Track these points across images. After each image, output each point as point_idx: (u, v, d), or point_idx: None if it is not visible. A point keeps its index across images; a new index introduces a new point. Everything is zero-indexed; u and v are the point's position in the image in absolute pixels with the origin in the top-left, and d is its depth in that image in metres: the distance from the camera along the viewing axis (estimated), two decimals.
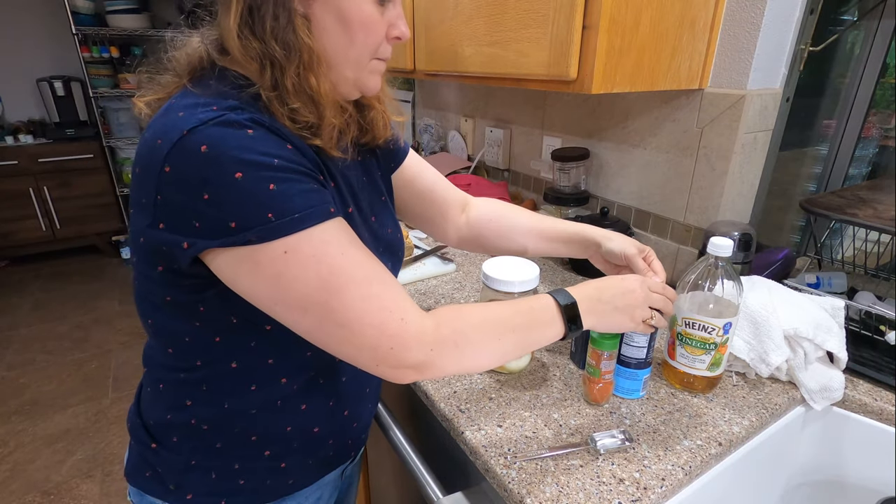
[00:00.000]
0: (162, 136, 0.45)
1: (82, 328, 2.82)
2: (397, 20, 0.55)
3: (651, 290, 0.64)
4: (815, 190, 1.14)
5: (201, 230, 0.45)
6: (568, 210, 1.25)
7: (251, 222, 0.44)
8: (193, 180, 0.43)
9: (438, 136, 1.89)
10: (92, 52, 3.33)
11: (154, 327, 0.56)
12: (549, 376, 0.79)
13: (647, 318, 0.63)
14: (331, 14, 0.51)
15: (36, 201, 3.40)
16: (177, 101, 0.48)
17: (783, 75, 0.96)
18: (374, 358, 0.50)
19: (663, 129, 1.06)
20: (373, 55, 0.55)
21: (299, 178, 0.47)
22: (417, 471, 0.76)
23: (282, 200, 0.45)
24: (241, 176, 0.43)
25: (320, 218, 0.47)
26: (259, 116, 0.47)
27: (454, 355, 0.53)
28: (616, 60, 0.79)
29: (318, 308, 0.47)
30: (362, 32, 0.52)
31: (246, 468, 0.62)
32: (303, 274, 0.46)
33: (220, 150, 0.43)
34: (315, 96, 0.51)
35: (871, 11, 0.96)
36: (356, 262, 0.49)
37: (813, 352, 0.74)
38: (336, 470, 0.73)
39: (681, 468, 0.61)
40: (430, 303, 1.02)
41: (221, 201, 0.43)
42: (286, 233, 0.45)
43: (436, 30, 1.08)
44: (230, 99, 0.48)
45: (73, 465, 1.90)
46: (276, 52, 0.48)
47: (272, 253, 0.45)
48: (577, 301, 0.59)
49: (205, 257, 0.47)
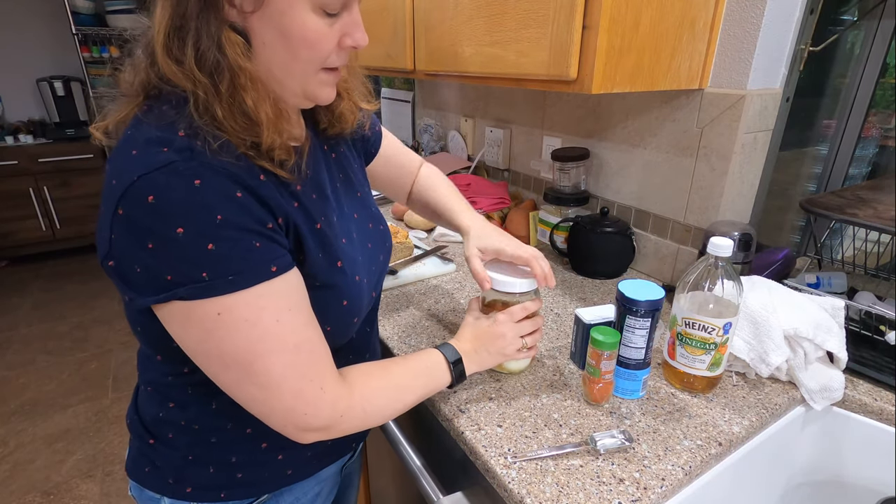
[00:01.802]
0: (117, 177, 0.45)
1: (82, 328, 2.82)
2: (352, 29, 0.52)
3: (516, 321, 0.72)
4: (815, 190, 1.14)
5: (141, 278, 0.45)
6: (568, 210, 1.25)
7: (184, 279, 0.44)
8: (140, 228, 0.44)
9: (438, 136, 1.89)
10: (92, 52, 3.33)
11: (142, 335, 0.57)
12: (549, 376, 0.79)
13: (519, 347, 0.72)
14: (271, 29, 0.48)
15: (36, 201, 3.41)
16: (131, 134, 0.47)
17: (783, 75, 0.96)
18: (284, 419, 0.52)
19: (663, 129, 1.06)
20: (320, 67, 0.52)
21: (242, 237, 0.46)
22: (417, 471, 0.76)
23: (217, 260, 0.44)
24: (181, 231, 0.43)
25: (257, 279, 0.47)
26: (207, 160, 0.45)
27: (360, 419, 0.57)
28: (616, 60, 0.79)
29: (240, 367, 0.48)
30: (305, 48, 0.49)
31: (243, 461, 0.62)
32: (232, 335, 0.47)
33: (164, 203, 0.43)
34: (253, 116, 0.48)
35: (871, 11, 0.96)
36: (289, 328, 0.50)
37: (813, 352, 0.74)
38: (335, 464, 0.74)
39: (681, 468, 0.61)
40: (430, 303, 1.02)
41: (161, 254, 0.44)
42: (219, 293, 0.45)
43: (436, 30, 1.08)
44: (180, 126, 0.46)
45: (73, 465, 1.90)
46: (200, 76, 0.46)
47: (205, 311, 0.46)
48: (461, 357, 0.68)
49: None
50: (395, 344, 0.88)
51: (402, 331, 0.92)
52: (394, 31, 1.23)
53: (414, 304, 1.02)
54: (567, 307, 1.01)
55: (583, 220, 1.15)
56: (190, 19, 0.46)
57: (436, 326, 0.94)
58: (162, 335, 0.52)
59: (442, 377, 0.67)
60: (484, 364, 0.71)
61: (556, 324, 0.94)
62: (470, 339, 0.71)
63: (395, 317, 0.97)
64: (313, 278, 0.54)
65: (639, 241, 1.16)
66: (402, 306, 1.01)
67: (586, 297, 1.05)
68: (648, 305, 0.69)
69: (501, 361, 0.73)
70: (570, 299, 1.04)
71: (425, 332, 0.92)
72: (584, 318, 0.77)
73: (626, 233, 1.12)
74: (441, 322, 0.95)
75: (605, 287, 1.10)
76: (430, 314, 0.98)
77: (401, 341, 0.89)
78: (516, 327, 0.72)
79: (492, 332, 0.71)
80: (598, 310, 0.78)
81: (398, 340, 0.89)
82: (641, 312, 0.69)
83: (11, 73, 3.48)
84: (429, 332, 0.92)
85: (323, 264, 0.55)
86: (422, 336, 0.90)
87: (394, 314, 0.98)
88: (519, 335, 0.72)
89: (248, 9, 0.47)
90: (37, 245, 3.57)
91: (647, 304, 0.68)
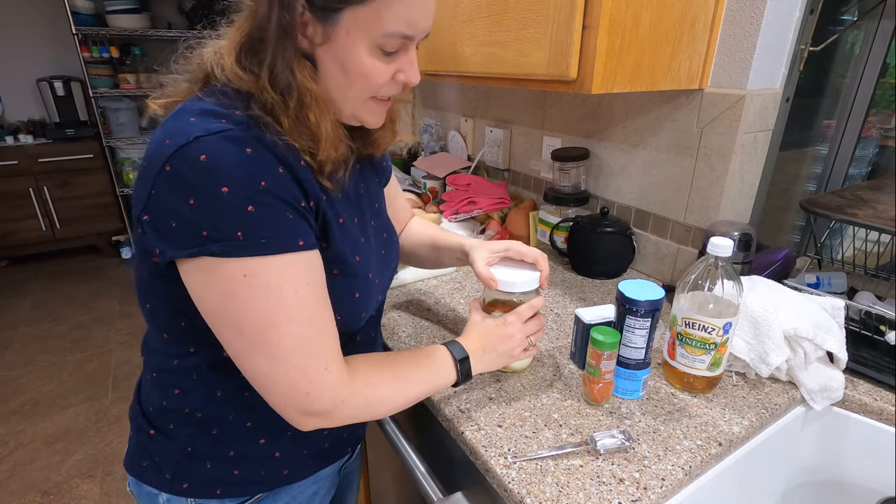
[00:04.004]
0: (171, 136, 0.48)
1: (82, 328, 2.82)
2: (407, 67, 0.57)
3: (524, 321, 0.72)
4: (815, 190, 1.14)
5: (175, 232, 0.47)
6: (568, 210, 1.25)
7: (220, 235, 0.47)
8: (186, 183, 0.46)
9: (438, 136, 1.89)
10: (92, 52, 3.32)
11: (150, 312, 0.59)
12: (549, 376, 0.79)
13: (525, 347, 0.72)
14: (334, 60, 0.53)
15: (36, 201, 3.40)
16: (190, 105, 0.51)
17: (783, 75, 0.96)
18: (286, 398, 0.53)
19: (663, 129, 1.06)
20: (371, 96, 0.57)
21: (279, 206, 0.49)
22: (417, 471, 0.76)
23: (254, 222, 0.47)
24: (226, 191, 0.46)
25: (286, 248, 0.49)
26: (260, 135, 0.49)
27: (360, 408, 0.57)
28: (616, 60, 0.79)
29: (253, 334, 0.50)
30: (360, 80, 0.54)
31: (240, 456, 0.63)
32: (253, 299, 0.49)
33: (215, 163, 0.46)
34: (314, 130, 0.53)
35: (871, 11, 0.96)
36: (305, 303, 0.51)
37: (813, 352, 0.74)
38: (333, 465, 0.74)
39: (681, 468, 0.61)
40: (430, 303, 1.02)
41: (202, 210, 0.46)
42: (249, 253, 0.47)
43: (436, 30, 1.08)
44: (240, 108, 0.50)
45: (73, 465, 1.90)
46: (272, 92, 0.51)
47: (231, 271, 0.48)
48: (468, 355, 0.67)
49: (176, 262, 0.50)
50: (394, 344, 0.88)
51: (401, 331, 0.92)
52: None
53: (414, 304, 1.02)
54: (567, 307, 1.01)
55: (583, 220, 1.15)
56: (268, 43, 0.51)
57: (435, 327, 0.94)
58: (173, 308, 0.54)
59: (447, 374, 0.66)
60: (491, 365, 0.71)
61: (556, 324, 0.94)
62: (478, 339, 0.70)
63: (395, 317, 0.97)
64: (333, 265, 0.57)
65: (639, 241, 1.16)
66: (402, 306, 1.01)
67: (586, 297, 1.05)
68: (648, 305, 0.69)
69: (508, 362, 0.73)
70: (570, 299, 1.04)
71: (425, 332, 0.92)
72: (584, 318, 0.77)
73: (626, 233, 1.12)
74: (441, 322, 0.95)
75: (605, 287, 1.10)
76: (431, 314, 0.98)
77: (400, 341, 0.89)
78: (525, 328, 0.72)
79: (501, 333, 0.71)
80: (598, 310, 0.78)
81: (398, 340, 0.89)
82: (641, 312, 0.69)
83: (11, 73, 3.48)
84: (428, 332, 0.92)
85: (344, 255, 0.58)
86: (421, 336, 0.90)
87: (394, 314, 0.98)
88: (526, 335, 0.72)
89: (318, 41, 0.52)
90: (37, 245, 3.57)
91: (647, 304, 0.68)
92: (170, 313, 0.57)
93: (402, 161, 1.97)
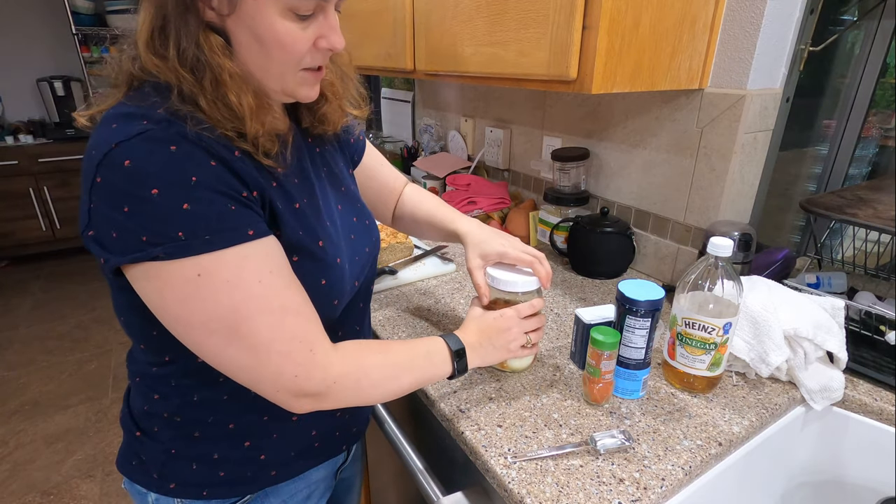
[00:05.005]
0: (96, 147, 0.47)
1: (82, 328, 2.82)
2: (328, 31, 0.53)
3: (523, 318, 0.71)
4: (815, 190, 1.14)
5: (117, 242, 0.46)
6: (568, 210, 1.25)
7: (160, 238, 0.45)
8: (117, 192, 0.45)
9: (438, 136, 1.89)
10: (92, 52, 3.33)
11: (125, 325, 0.58)
12: (549, 376, 0.79)
13: (523, 343, 0.72)
14: (245, 31, 0.50)
15: (36, 201, 3.41)
16: (113, 112, 0.50)
17: (783, 75, 0.95)
18: (275, 384, 0.52)
19: (663, 129, 1.06)
20: (298, 68, 0.54)
21: (217, 199, 0.47)
22: (417, 471, 0.76)
23: (193, 220, 0.46)
24: (156, 192, 0.45)
25: (234, 241, 0.48)
26: (184, 130, 0.47)
27: (353, 390, 0.56)
28: (616, 60, 0.79)
29: (225, 331, 0.49)
30: (277, 49, 0.51)
31: (225, 458, 0.63)
32: (215, 297, 0.47)
33: (140, 166, 0.45)
34: (236, 109, 0.51)
35: (871, 11, 0.96)
36: (273, 291, 0.50)
37: (813, 352, 0.74)
38: (325, 466, 0.73)
39: (681, 468, 0.61)
40: (430, 303, 1.02)
41: (137, 215, 0.45)
42: (195, 252, 0.46)
43: (436, 30, 1.08)
44: (160, 109, 0.48)
45: (73, 465, 1.90)
46: (183, 72, 0.49)
47: (183, 273, 0.46)
48: (465, 347, 0.66)
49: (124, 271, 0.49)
50: None
51: (401, 331, 0.92)
52: (394, 31, 1.23)
53: (414, 304, 1.02)
54: (567, 307, 1.01)
55: (583, 220, 1.15)
56: (170, 19, 0.49)
57: (435, 327, 0.94)
58: (141, 318, 0.53)
59: (443, 365, 0.65)
60: (487, 358, 0.69)
61: (556, 324, 0.94)
62: (475, 332, 0.70)
63: (394, 317, 0.97)
64: (291, 252, 0.55)
65: (639, 241, 1.16)
66: (402, 306, 1.01)
67: (586, 297, 1.05)
68: (648, 305, 0.69)
69: (506, 357, 0.72)
70: (570, 299, 1.04)
71: (424, 332, 0.92)
72: (584, 318, 0.77)
73: (626, 233, 1.12)
74: (441, 322, 0.95)
75: (605, 287, 1.10)
76: (430, 314, 0.98)
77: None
78: (522, 323, 0.71)
79: (497, 326, 0.70)
80: (598, 310, 0.78)
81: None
82: (641, 312, 0.69)
83: (11, 73, 3.48)
84: (428, 332, 0.92)
85: (302, 242, 0.56)
86: (421, 336, 0.90)
87: (394, 314, 0.98)
88: (524, 331, 0.71)
89: (224, 11, 0.49)
90: (37, 245, 3.57)
91: (647, 304, 0.68)
92: (141, 324, 0.55)
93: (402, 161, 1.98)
